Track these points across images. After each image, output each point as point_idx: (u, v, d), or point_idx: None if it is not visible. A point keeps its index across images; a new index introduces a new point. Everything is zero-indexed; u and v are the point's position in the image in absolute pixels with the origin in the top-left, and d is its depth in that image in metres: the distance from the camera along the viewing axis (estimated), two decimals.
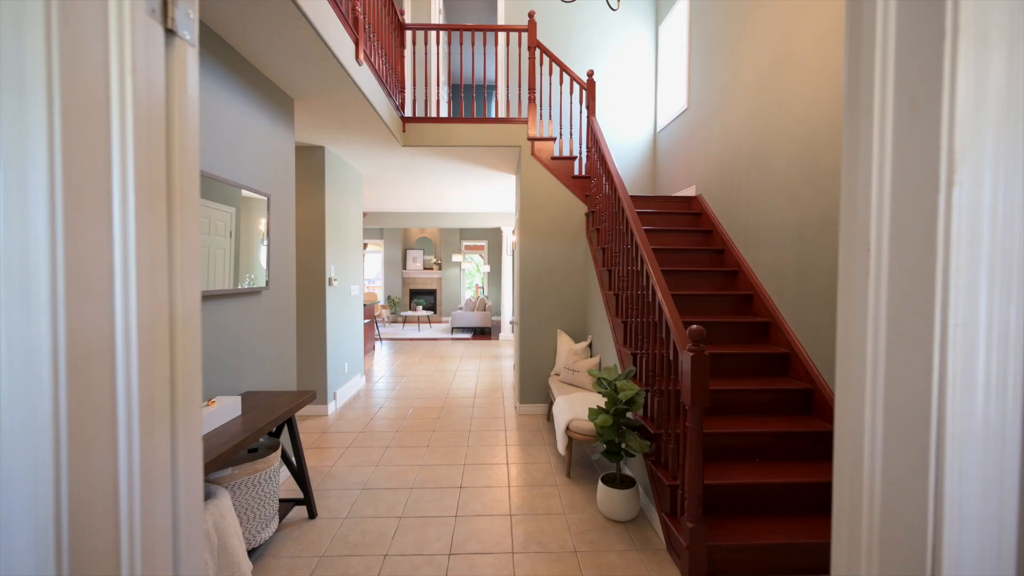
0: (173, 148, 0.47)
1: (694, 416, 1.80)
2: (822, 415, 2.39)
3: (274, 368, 2.60)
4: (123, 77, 0.40)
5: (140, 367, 0.42)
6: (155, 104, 0.44)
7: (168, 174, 0.47)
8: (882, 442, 0.39)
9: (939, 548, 0.36)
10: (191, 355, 0.50)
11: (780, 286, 2.81)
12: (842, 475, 0.46)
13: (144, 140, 0.43)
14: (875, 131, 0.40)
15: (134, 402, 0.42)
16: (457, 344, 8.04)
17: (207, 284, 2.04)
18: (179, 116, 0.48)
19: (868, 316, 0.41)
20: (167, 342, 0.46)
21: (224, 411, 1.84)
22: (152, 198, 0.44)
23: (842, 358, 0.46)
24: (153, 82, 0.44)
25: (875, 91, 0.40)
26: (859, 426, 0.41)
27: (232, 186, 2.20)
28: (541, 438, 3.41)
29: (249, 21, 1.98)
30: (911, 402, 0.37)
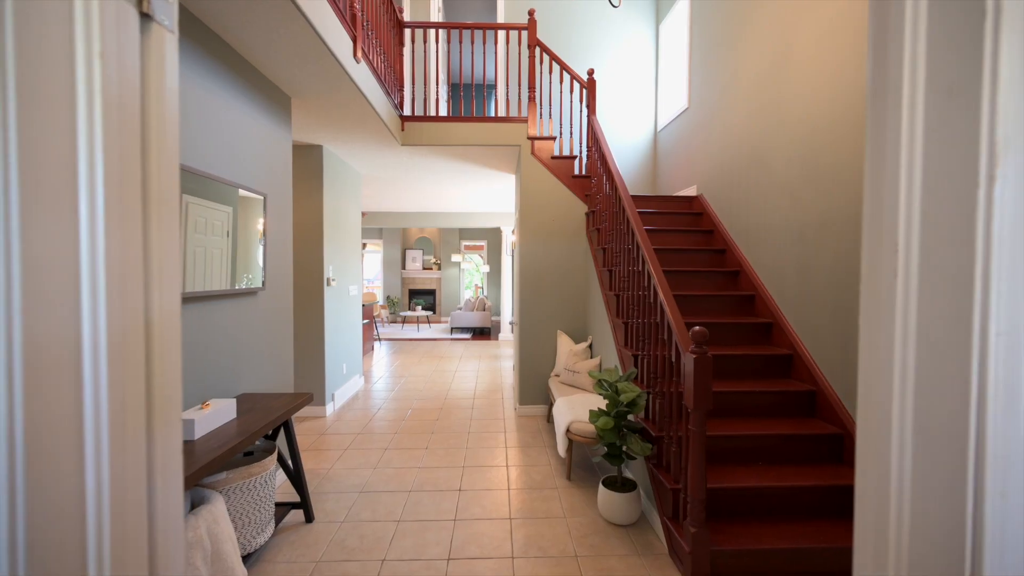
0: (150, 142, 0.44)
1: (697, 419, 1.77)
2: (825, 417, 2.36)
3: (271, 369, 2.56)
4: (90, 62, 0.37)
5: (110, 377, 0.39)
6: (129, 94, 0.41)
7: (144, 169, 0.44)
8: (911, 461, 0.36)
9: None
10: (169, 363, 0.47)
11: (781, 286, 2.78)
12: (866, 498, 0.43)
13: (115, 132, 0.40)
14: (904, 122, 0.37)
15: (103, 414, 0.38)
16: (456, 344, 8.01)
17: (204, 284, 2.01)
18: (156, 108, 0.44)
19: (896, 323, 0.38)
20: (142, 349, 0.43)
21: (219, 414, 1.81)
22: (125, 195, 0.41)
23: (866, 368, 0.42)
24: (126, 69, 0.41)
25: (904, 78, 0.37)
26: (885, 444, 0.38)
27: (229, 185, 2.17)
28: (541, 440, 3.38)
29: (246, 18, 1.94)
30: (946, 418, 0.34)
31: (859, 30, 2.21)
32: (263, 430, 1.88)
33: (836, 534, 1.88)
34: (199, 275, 1.99)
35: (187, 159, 1.92)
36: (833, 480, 2.05)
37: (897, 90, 0.38)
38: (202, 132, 2.00)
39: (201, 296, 1.98)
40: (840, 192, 2.31)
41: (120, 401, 0.41)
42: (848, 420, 2.22)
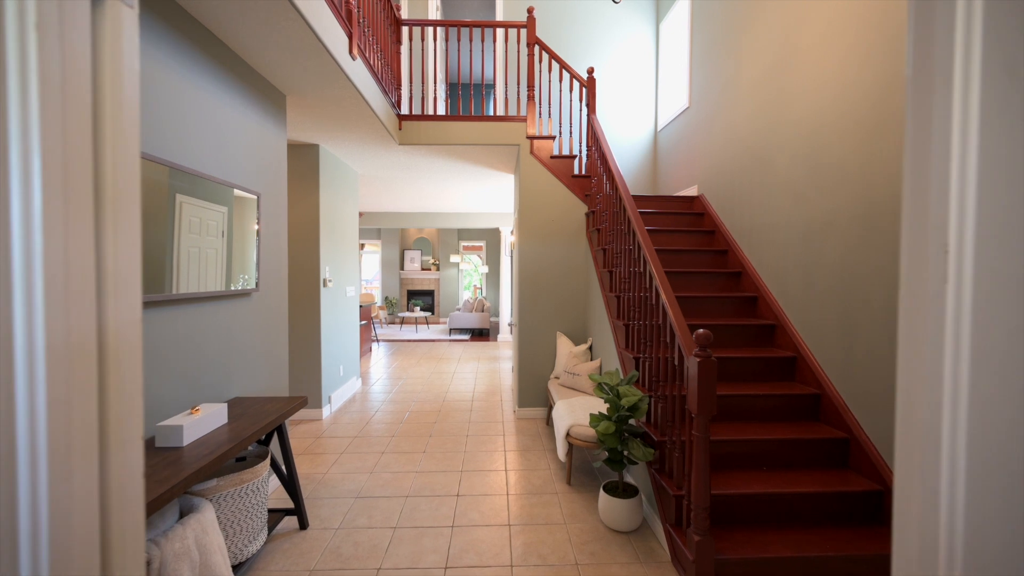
0: (103, 130, 0.39)
1: (701, 424, 1.73)
2: (830, 421, 2.31)
3: (265, 372, 2.51)
4: (23, 34, 0.32)
5: (50, 397, 0.34)
6: (76, 74, 0.36)
7: (97, 161, 0.39)
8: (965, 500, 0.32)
9: None
10: (127, 377, 0.42)
11: (785, 287, 2.74)
12: (906, 547, 0.37)
13: (56, 118, 0.35)
14: (955, 108, 0.33)
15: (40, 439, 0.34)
16: (455, 346, 7.96)
17: (198, 286, 1.96)
18: (112, 91, 0.39)
19: (946, 334, 0.34)
20: (94, 364, 0.38)
21: (208, 419, 1.76)
22: (71, 190, 0.36)
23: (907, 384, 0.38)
24: (72, 45, 0.36)
25: (955, 57, 0.32)
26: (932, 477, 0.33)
27: (223, 185, 2.12)
28: (540, 443, 3.33)
29: (239, 13, 1.90)
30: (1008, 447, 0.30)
31: (864, 26, 2.17)
32: (255, 435, 1.83)
33: (843, 542, 1.84)
34: (193, 276, 1.95)
35: (180, 158, 1.88)
36: (839, 486, 2.01)
37: (946, 70, 0.34)
38: (195, 130, 1.95)
39: (191, 298, 1.93)
40: (845, 190, 2.27)
41: (64, 423, 0.36)
42: (854, 424, 2.17)
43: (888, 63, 2.03)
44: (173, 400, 1.82)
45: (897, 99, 1.98)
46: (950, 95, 0.33)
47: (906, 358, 0.38)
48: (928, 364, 0.35)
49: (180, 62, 1.86)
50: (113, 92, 0.40)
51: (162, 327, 1.76)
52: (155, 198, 1.72)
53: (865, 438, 2.11)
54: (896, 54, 1.99)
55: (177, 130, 1.86)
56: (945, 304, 0.34)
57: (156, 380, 1.73)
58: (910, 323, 0.38)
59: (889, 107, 2.02)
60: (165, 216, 1.77)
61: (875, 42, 2.10)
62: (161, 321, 1.75)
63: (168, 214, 1.78)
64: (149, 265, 1.69)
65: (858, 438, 2.14)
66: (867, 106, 2.15)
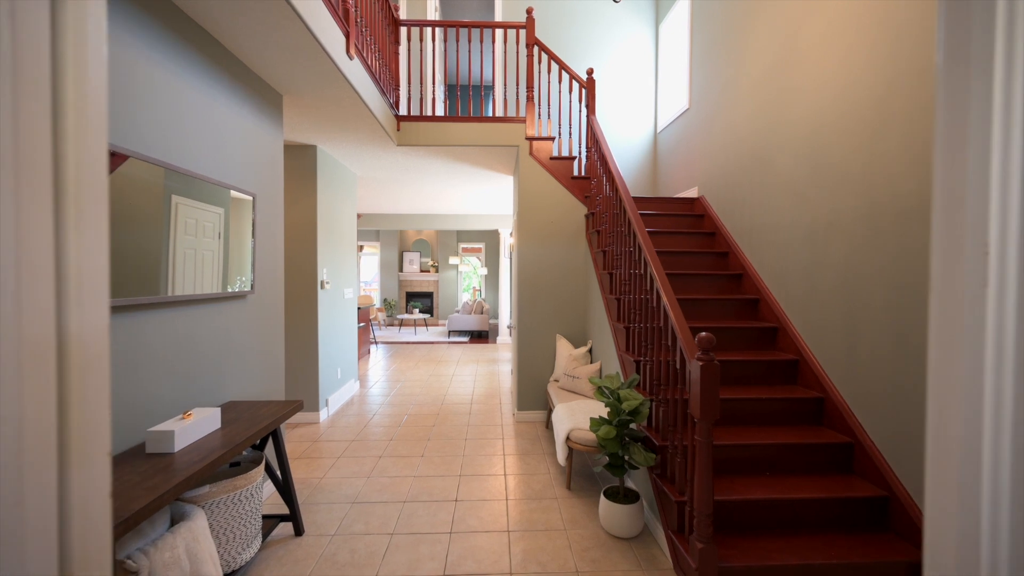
0: (65, 118, 0.36)
1: (703, 429, 1.69)
2: (834, 425, 2.28)
3: (261, 376, 2.48)
4: None
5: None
6: (29, 54, 0.33)
7: (57, 154, 0.35)
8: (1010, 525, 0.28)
9: None
10: (93, 390, 0.39)
11: (787, 289, 2.71)
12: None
13: (6, 105, 0.31)
14: (996, 92, 0.30)
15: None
16: (454, 348, 7.92)
17: (194, 288, 1.94)
18: (75, 76, 0.36)
19: (986, 343, 0.31)
20: (51, 379, 0.35)
21: (201, 424, 1.72)
22: (25, 186, 0.33)
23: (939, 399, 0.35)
24: (24, 22, 0.32)
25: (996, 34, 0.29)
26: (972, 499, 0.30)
27: (220, 186, 2.10)
28: (540, 447, 3.29)
29: (235, 12, 1.87)
30: None
31: (865, 25, 2.15)
32: (249, 440, 1.79)
33: (849, 549, 1.80)
34: (189, 278, 1.92)
35: (176, 159, 1.86)
36: (844, 492, 1.98)
37: (985, 52, 0.31)
38: (191, 131, 1.93)
39: (185, 300, 1.89)
40: (848, 190, 2.24)
41: (14, 446, 0.32)
42: (858, 428, 2.14)
43: (891, 61, 2.01)
44: (166, 404, 1.79)
45: (901, 97, 1.96)
46: (990, 84, 0.30)
47: (939, 369, 0.35)
48: (965, 375, 0.32)
49: (176, 62, 1.84)
50: (77, 75, 0.36)
51: (155, 330, 1.73)
52: (150, 199, 1.70)
53: (869, 442, 2.08)
54: (899, 52, 1.97)
55: (173, 130, 1.83)
56: (985, 309, 0.31)
57: (148, 384, 1.69)
58: (943, 330, 0.35)
59: (892, 106, 2.00)
60: (160, 217, 1.74)
61: (877, 41, 2.07)
62: (154, 323, 1.72)
63: (163, 215, 1.76)
64: (143, 267, 1.67)
65: (862, 442, 2.11)
66: (870, 105, 2.12)
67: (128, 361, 1.60)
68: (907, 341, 1.91)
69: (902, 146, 1.95)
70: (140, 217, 1.65)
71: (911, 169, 1.91)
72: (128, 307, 1.60)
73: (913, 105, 1.91)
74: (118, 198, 1.56)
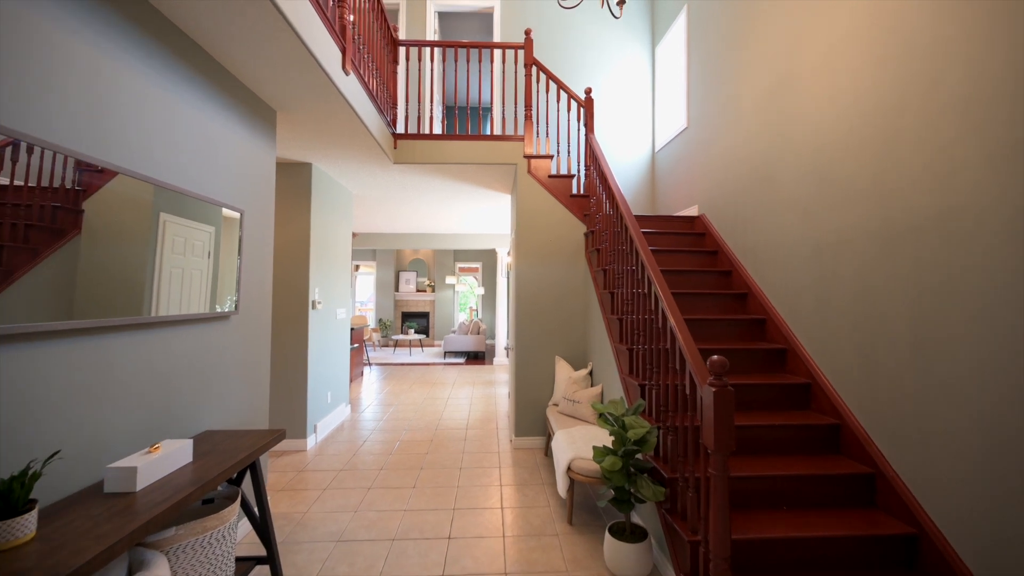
0: None
1: (718, 462, 1.56)
2: (853, 454, 2.15)
3: (243, 402, 2.32)
4: None
5: None
6: None
7: None
8: None
9: None
10: None
11: (796, 309, 2.61)
12: None
13: None
14: None
15: None
16: (449, 369, 7.73)
17: (180, 308, 1.85)
18: None
19: None
20: None
21: (169, 458, 1.57)
22: None
23: None
24: None
25: None
26: None
27: (211, 204, 2.02)
28: (539, 477, 3.12)
29: (226, 26, 1.81)
30: None
31: (872, 42, 2.12)
32: (223, 475, 1.64)
33: None
34: (175, 298, 1.83)
35: (166, 175, 1.81)
36: (869, 528, 1.83)
37: None
38: (182, 147, 1.86)
39: (161, 322, 1.76)
40: (858, 206, 2.17)
41: None
42: (879, 457, 2.01)
43: (899, 76, 1.97)
44: (134, 436, 1.64)
45: (911, 112, 1.90)
46: None
47: None
48: None
49: (167, 76, 1.79)
50: None
51: (126, 354, 1.60)
52: (137, 217, 1.63)
53: (893, 474, 1.94)
54: (908, 67, 1.93)
55: (163, 146, 1.78)
56: None
57: (113, 414, 1.55)
58: None
59: (902, 120, 1.94)
60: (147, 236, 1.68)
61: (886, 56, 2.03)
62: (125, 347, 1.59)
63: (151, 234, 1.69)
64: (126, 287, 1.59)
65: (885, 473, 1.97)
66: (878, 121, 2.07)
67: (91, 390, 1.46)
68: (932, 364, 1.80)
69: (914, 161, 1.89)
70: (124, 235, 1.58)
71: (925, 184, 1.84)
72: (95, 330, 1.47)
73: (924, 119, 1.85)
74: (105, 216, 1.50)
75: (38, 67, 1.29)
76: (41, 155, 1.29)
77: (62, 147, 1.35)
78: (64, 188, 1.35)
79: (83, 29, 1.42)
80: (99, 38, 1.48)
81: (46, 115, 1.31)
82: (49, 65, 1.32)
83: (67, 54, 1.37)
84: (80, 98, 1.42)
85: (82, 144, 1.43)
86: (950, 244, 1.73)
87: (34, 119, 1.27)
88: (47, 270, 1.31)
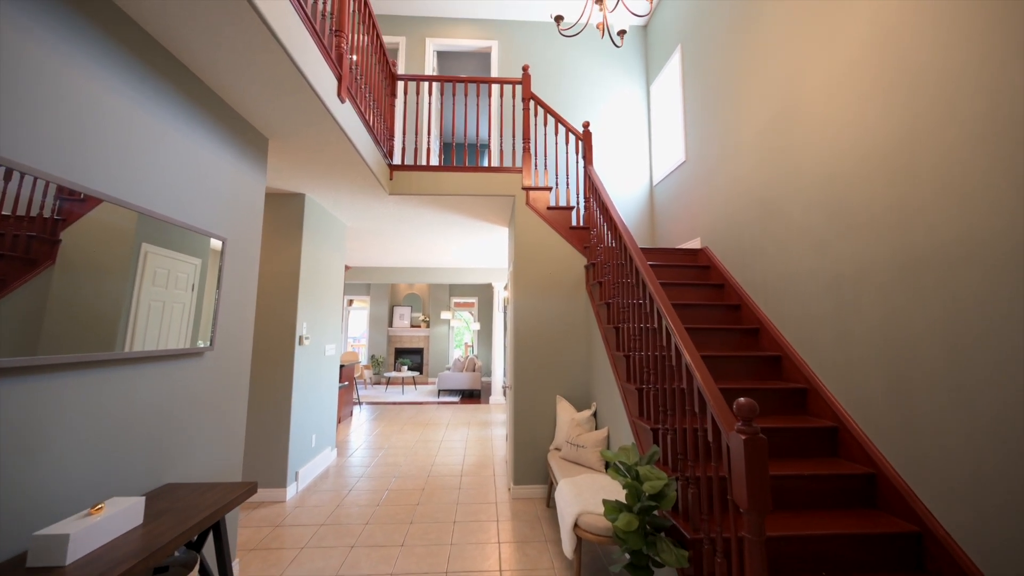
0: None
1: (754, 524, 1.35)
2: (894, 509, 1.92)
3: (213, 450, 2.09)
4: None
5: None
6: None
7: None
8: None
9: None
10: None
11: (814, 345, 2.45)
12: None
13: None
14: None
15: None
16: (444, 409, 7.40)
17: (157, 344, 1.70)
18: None
19: None
20: None
21: (115, 521, 1.34)
22: None
23: None
24: None
25: None
26: None
27: (191, 231, 1.89)
28: (541, 532, 2.83)
29: (216, 48, 1.74)
30: None
31: (879, 71, 2.08)
32: (179, 540, 1.40)
33: None
34: (152, 334, 1.68)
35: (149, 203, 1.71)
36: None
37: None
38: (169, 175, 1.74)
39: (119, 360, 1.57)
40: (876, 237, 2.06)
41: None
42: (924, 514, 1.79)
43: (910, 104, 1.91)
44: (77, 493, 1.41)
45: (929, 139, 1.83)
46: None
47: None
48: None
49: (155, 100, 1.72)
50: None
51: (74, 395, 1.40)
52: (117, 247, 1.53)
53: (944, 533, 1.72)
54: (921, 95, 1.87)
55: (148, 173, 1.71)
56: None
57: (52, 469, 1.33)
58: None
59: (921, 147, 1.87)
60: (126, 267, 1.56)
61: (896, 83, 1.99)
62: (74, 387, 1.39)
63: (130, 265, 1.58)
64: (96, 322, 1.45)
65: (934, 533, 1.75)
66: (892, 149, 2.00)
67: (24, 440, 1.25)
68: (977, 407, 1.63)
69: (937, 191, 1.80)
70: (104, 267, 1.48)
71: (950, 214, 1.74)
72: (32, 369, 1.28)
73: (941, 148, 1.78)
74: (84, 246, 1.40)
75: (17, 87, 1.20)
76: (20, 181, 1.21)
77: (42, 172, 1.26)
78: (42, 217, 1.27)
79: (66, 47, 1.32)
80: (86, 59, 1.38)
81: (26, 139, 1.23)
82: (29, 86, 1.24)
83: (50, 75, 1.26)
84: (61, 121, 1.32)
85: (61, 169, 1.35)
86: (986, 272, 1.61)
87: (8, 142, 1.18)
88: (14, 302, 1.21)
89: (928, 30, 1.85)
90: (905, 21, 1.96)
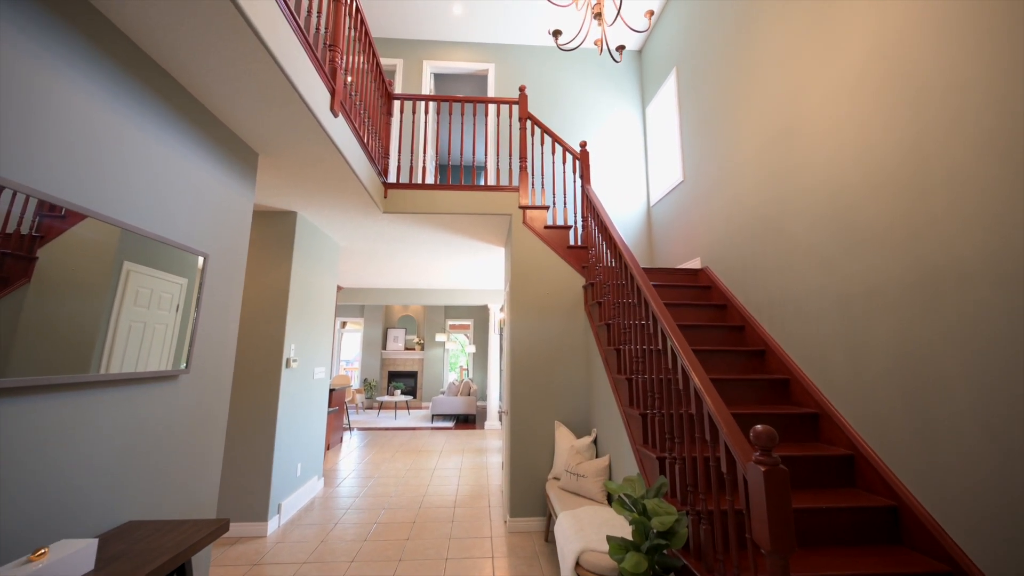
0: None
1: (777, 567, 1.21)
2: (920, 547, 1.78)
3: (185, 482, 1.92)
4: None
5: None
6: None
7: None
8: None
9: None
10: None
11: (824, 368, 2.35)
12: None
13: None
14: None
15: None
16: (437, 435, 7.15)
17: (136, 367, 1.61)
18: None
19: None
20: None
21: (59, 568, 1.18)
22: None
23: None
24: None
25: None
26: None
27: (177, 248, 1.82)
28: (539, 570, 2.63)
29: (204, 58, 1.69)
30: None
31: (882, 85, 2.06)
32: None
33: None
34: (131, 356, 1.59)
35: (130, 218, 1.62)
36: None
37: None
38: (150, 187, 1.65)
39: (78, 384, 1.44)
40: (887, 254, 1.99)
41: None
42: (955, 551, 1.65)
43: (918, 116, 1.87)
44: (21, 535, 1.25)
45: (938, 152, 1.78)
46: None
47: None
48: None
49: (140, 112, 1.66)
50: None
51: (28, 422, 1.26)
52: (96, 265, 1.44)
53: (979, 573, 1.58)
54: (926, 109, 1.84)
55: (131, 188, 1.64)
56: None
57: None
58: None
59: (929, 161, 1.82)
60: (106, 286, 1.48)
61: (901, 98, 1.96)
62: (18, 414, 1.25)
63: (110, 284, 1.49)
64: (69, 343, 1.36)
65: (967, 571, 1.61)
66: (897, 163, 1.95)
67: None
68: (1007, 433, 1.52)
69: (950, 206, 1.74)
70: (83, 286, 1.40)
71: (966, 229, 1.67)
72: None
73: (950, 163, 1.73)
74: (61, 264, 1.33)
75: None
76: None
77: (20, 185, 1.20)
78: (19, 234, 1.20)
79: (48, 56, 1.24)
80: (68, 67, 1.31)
81: (4, 151, 1.17)
82: (9, 96, 1.19)
83: (30, 85, 1.19)
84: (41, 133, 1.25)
85: (40, 183, 1.28)
86: (1006, 286, 1.52)
87: None
88: None
89: (931, 43, 1.83)
90: (906, 37, 1.95)
